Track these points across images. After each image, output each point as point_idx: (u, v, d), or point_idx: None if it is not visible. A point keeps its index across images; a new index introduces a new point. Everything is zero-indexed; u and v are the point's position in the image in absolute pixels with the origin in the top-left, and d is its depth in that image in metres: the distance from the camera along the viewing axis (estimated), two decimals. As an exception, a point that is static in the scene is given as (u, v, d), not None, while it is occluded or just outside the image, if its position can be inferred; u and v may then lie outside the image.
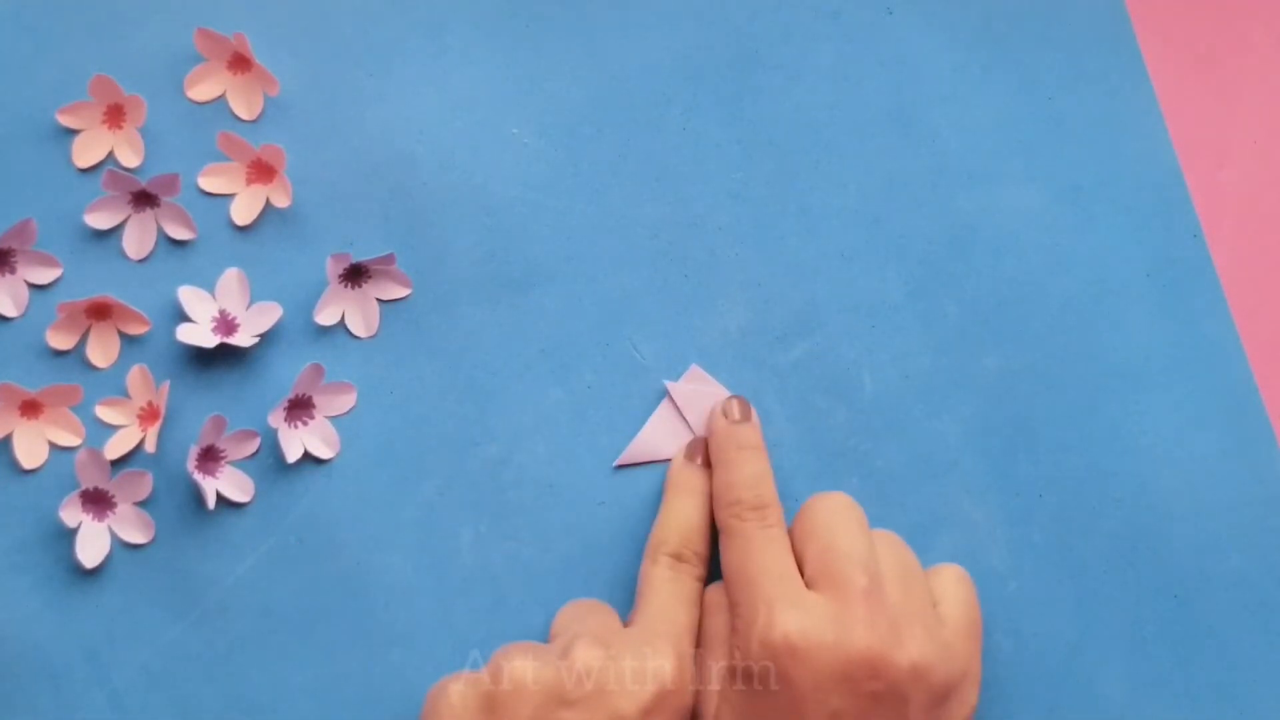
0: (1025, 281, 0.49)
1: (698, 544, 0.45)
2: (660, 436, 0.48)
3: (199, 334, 0.47)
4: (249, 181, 0.48)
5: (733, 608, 0.42)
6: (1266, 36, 0.52)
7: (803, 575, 0.42)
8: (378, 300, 0.48)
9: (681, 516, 0.45)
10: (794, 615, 0.40)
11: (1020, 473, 0.48)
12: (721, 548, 0.44)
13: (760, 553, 0.42)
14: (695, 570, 0.45)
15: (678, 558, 0.45)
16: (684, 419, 0.48)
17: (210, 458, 0.47)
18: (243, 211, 0.48)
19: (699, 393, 0.48)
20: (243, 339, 0.47)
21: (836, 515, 0.43)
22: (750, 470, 0.45)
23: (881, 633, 0.40)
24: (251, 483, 0.47)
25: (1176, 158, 0.50)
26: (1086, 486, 0.48)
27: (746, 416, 0.46)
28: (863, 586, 0.41)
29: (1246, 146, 0.51)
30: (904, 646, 0.40)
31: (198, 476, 0.46)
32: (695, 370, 0.48)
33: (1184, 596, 0.48)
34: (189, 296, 0.47)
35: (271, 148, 0.47)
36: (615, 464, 0.48)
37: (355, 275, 0.48)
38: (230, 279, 0.47)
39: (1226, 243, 0.50)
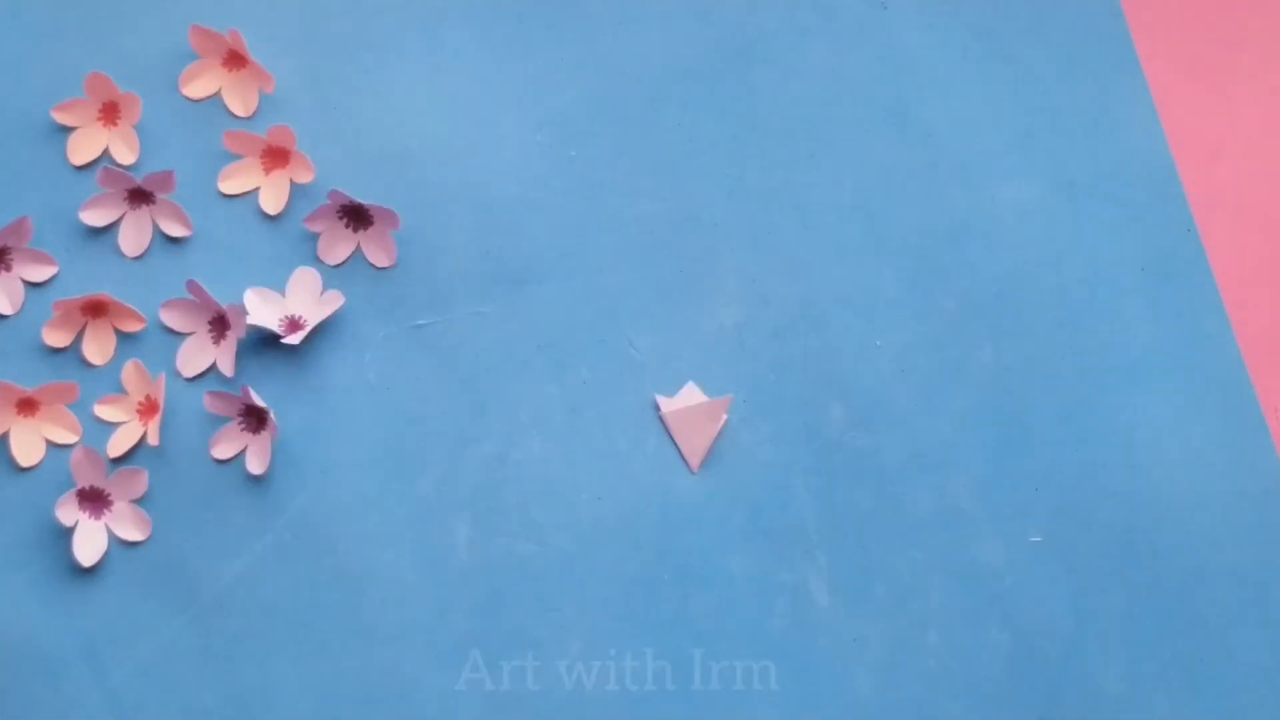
0: (1020, 276, 0.49)
1: None
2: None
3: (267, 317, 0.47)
4: (267, 170, 0.48)
5: None
6: (1260, 33, 0.52)
7: None
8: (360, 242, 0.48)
9: None
10: None
11: (1016, 467, 0.48)
12: None
13: None
14: None
15: None
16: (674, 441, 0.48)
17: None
18: (271, 200, 0.48)
19: (689, 410, 0.48)
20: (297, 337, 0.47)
21: None
22: None
23: None
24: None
25: (1170, 153, 0.50)
26: (1082, 480, 0.48)
27: None
28: None
29: (1240, 142, 0.51)
30: None
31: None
32: (689, 388, 0.48)
33: (1179, 589, 0.48)
34: (255, 300, 0.47)
35: (279, 129, 0.47)
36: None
37: (357, 217, 0.48)
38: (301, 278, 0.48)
39: (1220, 237, 0.50)
